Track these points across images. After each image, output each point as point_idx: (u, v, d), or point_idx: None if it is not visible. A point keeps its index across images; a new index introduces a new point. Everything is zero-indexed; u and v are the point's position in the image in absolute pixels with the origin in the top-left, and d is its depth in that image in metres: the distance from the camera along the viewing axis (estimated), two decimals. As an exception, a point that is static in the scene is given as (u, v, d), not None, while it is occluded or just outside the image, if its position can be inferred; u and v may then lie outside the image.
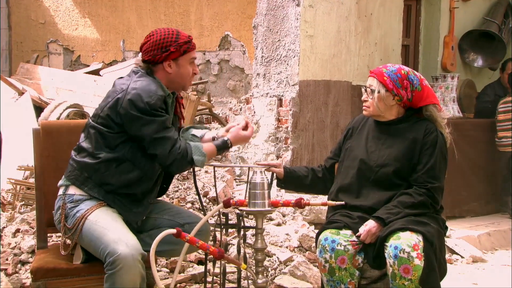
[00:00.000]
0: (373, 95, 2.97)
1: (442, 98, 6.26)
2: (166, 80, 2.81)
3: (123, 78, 2.84)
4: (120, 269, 2.51)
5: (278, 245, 4.24)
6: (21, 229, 4.03)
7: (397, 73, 2.96)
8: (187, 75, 2.84)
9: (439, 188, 2.89)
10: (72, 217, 2.72)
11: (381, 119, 3.04)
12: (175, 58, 2.79)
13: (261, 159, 5.61)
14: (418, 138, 2.93)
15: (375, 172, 2.94)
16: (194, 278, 3.80)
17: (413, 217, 2.81)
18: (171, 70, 2.80)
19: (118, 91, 2.73)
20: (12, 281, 3.46)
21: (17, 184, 4.55)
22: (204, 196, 4.71)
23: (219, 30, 6.79)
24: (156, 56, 2.78)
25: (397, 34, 6.53)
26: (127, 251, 2.52)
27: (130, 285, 2.54)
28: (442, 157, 2.93)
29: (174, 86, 2.85)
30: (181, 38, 2.80)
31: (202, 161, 2.75)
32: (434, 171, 2.88)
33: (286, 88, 5.52)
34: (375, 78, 2.98)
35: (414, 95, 2.97)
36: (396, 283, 2.69)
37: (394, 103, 2.97)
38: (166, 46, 2.77)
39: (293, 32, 5.45)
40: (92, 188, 2.74)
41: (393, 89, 2.94)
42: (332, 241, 2.83)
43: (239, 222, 3.17)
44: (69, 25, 7.70)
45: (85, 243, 2.69)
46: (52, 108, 5.63)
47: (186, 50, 2.80)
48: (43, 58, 7.85)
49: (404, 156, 2.93)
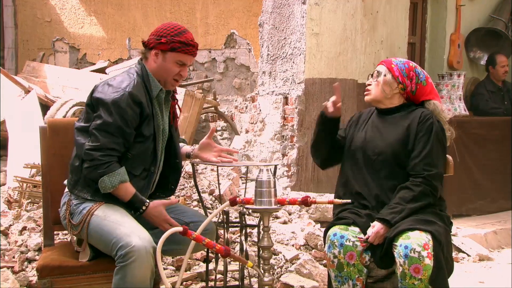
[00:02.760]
0: (379, 78, 3.01)
1: (448, 96, 6.23)
2: (153, 70, 2.80)
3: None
4: (134, 261, 2.50)
5: (284, 243, 4.24)
6: (28, 227, 4.04)
7: (405, 64, 3.04)
8: (170, 72, 2.80)
9: (436, 175, 2.87)
10: (79, 214, 2.72)
11: (381, 106, 3.05)
12: (163, 50, 2.77)
13: (267, 157, 5.61)
14: (412, 125, 2.93)
15: (374, 160, 2.95)
16: (200, 276, 3.80)
17: (420, 216, 2.80)
18: (156, 60, 2.78)
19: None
20: (19, 278, 3.46)
21: (23, 182, 4.56)
22: (210, 194, 4.71)
23: (224, 28, 6.79)
24: (150, 40, 2.80)
25: (403, 32, 6.51)
26: (141, 243, 2.52)
27: (141, 278, 2.53)
28: (438, 143, 2.91)
29: (158, 78, 2.83)
30: (179, 36, 2.77)
31: (106, 187, 2.64)
32: (430, 159, 2.87)
33: (292, 86, 5.51)
34: (384, 65, 3.06)
35: (418, 88, 3.01)
36: (405, 283, 2.68)
37: (398, 91, 3.01)
38: (161, 35, 2.77)
39: (299, 30, 5.44)
40: (82, 189, 2.74)
41: (399, 77, 2.99)
42: (341, 236, 2.83)
43: (241, 221, 3.18)
44: (75, 23, 7.71)
45: (94, 239, 2.68)
46: (58, 106, 5.64)
47: (175, 48, 2.76)
48: (49, 56, 7.87)
49: (398, 143, 2.93)
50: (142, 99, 2.72)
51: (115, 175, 2.64)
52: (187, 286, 3.72)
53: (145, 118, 2.74)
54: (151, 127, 2.77)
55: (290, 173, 5.47)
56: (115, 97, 2.66)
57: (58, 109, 5.62)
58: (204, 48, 6.79)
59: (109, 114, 2.65)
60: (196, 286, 3.73)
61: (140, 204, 2.70)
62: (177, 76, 2.83)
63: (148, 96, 2.78)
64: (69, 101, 5.70)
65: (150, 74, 2.81)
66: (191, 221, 2.89)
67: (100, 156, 2.62)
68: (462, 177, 5.94)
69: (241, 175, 5.23)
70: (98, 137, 2.64)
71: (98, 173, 2.63)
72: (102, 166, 2.62)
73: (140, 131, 2.75)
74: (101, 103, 2.68)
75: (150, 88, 2.79)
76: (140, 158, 2.77)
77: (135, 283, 2.52)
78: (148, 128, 2.76)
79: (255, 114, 5.79)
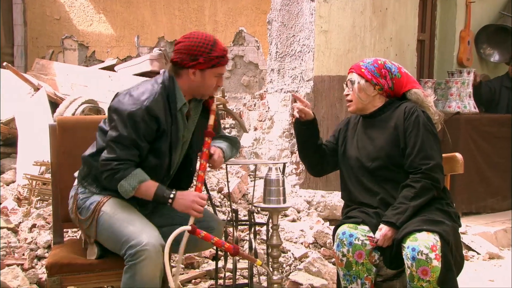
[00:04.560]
0: (353, 87, 2.98)
1: (458, 94, 6.21)
2: (187, 86, 2.75)
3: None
4: (144, 260, 2.50)
5: (293, 241, 4.23)
6: (37, 224, 4.06)
7: (373, 64, 3.00)
8: (209, 87, 2.76)
9: (435, 166, 2.84)
10: (87, 209, 2.73)
11: (366, 112, 3.02)
12: (202, 69, 2.71)
13: (275, 155, 5.60)
14: (399, 123, 2.91)
15: (370, 167, 2.93)
16: (209, 274, 3.80)
17: (427, 216, 2.77)
18: (194, 78, 2.72)
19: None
20: (28, 276, 3.48)
21: (33, 179, 4.57)
22: (219, 192, 4.71)
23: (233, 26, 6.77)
24: (184, 61, 2.71)
25: (413, 29, 6.48)
26: (151, 242, 2.52)
27: (151, 276, 2.54)
28: (429, 134, 2.87)
29: (194, 93, 2.79)
30: (215, 51, 2.70)
31: (126, 191, 2.65)
32: (425, 152, 2.84)
33: (300, 84, 5.50)
34: (354, 72, 3.01)
35: (395, 82, 2.99)
36: (414, 285, 2.66)
37: (376, 93, 2.98)
38: (197, 55, 2.69)
39: (307, 27, 5.43)
40: (92, 182, 2.76)
41: (372, 79, 2.96)
42: (350, 235, 2.82)
43: (250, 219, 3.17)
44: (84, 21, 7.72)
45: (104, 237, 2.68)
46: (67, 104, 5.65)
47: (215, 64, 2.72)
48: (58, 54, 7.88)
49: (390, 145, 2.91)
50: (160, 114, 2.67)
51: (132, 177, 2.64)
52: (196, 284, 3.72)
53: (161, 133, 2.71)
54: (168, 142, 2.73)
55: (299, 171, 5.46)
56: (131, 110, 2.63)
57: (67, 106, 5.63)
58: (213, 46, 6.78)
59: (124, 127, 2.63)
60: (205, 284, 3.74)
61: (167, 196, 2.67)
62: (215, 89, 2.80)
63: (169, 109, 2.73)
64: (78, 98, 5.71)
65: (178, 88, 2.74)
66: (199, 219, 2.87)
67: (116, 165, 2.63)
68: (472, 175, 5.91)
69: (250, 172, 5.23)
70: (115, 150, 2.64)
71: (116, 178, 2.63)
72: (118, 172, 2.63)
73: (157, 145, 2.72)
74: (118, 113, 2.66)
75: (174, 101, 2.73)
76: (156, 171, 2.75)
77: (145, 281, 2.52)
78: (165, 144, 2.73)
79: (263, 112, 5.78)
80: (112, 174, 2.63)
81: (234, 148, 2.99)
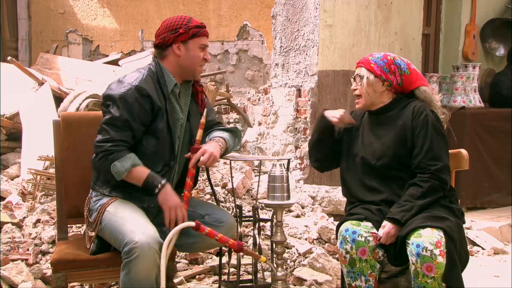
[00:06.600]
0: (362, 82, 2.95)
1: (463, 88, 6.17)
2: (176, 65, 2.82)
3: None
4: (136, 257, 2.52)
5: (297, 237, 4.23)
6: (42, 219, 4.06)
7: (383, 59, 2.96)
8: (196, 59, 2.83)
9: (443, 168, 2.82)
10: (95, 211, 2.76)
11: (374, 108, 3.00)
12: (184, 40, 2.80)
13: (280, 149, 5.59)
14: (407, 123, 2.89)
15: (375, 165, 2.91)
16: (213, 270, 3.81)
17: (431, 212, 2.76)
18: (180, 52, 2.81)
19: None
20: (33, 271, 3.48)
21: (37, 174, 4.58)
22: (223, 187, 4.71)
23: (237, 20, 6.75)
24: (166, 38, 2.80)
25: (418, 23, 6.45)
26: (144, 240, 2.53)
27: (145, 273, 2.54)
28: (437, 135, 2.86)
29: (184, 71, 2.85)
30: (192, 22, 2.82)
31: (119, 171, 2.67)
32: (433, 152, 2.82)
33: (305, 78, 5.48)
34: (362, 66, 2.98)
35: (404, 79, 2.96)
36: (418, 281, 2.66)
37: (384, 88, 2.95)
38: (176, 28, 2.80)
39: (312, 21, 5.41)
40: (102, 185, 2.79)
41: (382, 75, 2.93)
42: (353, 232, 2.80)
43: (254, 215, 3.17)
44: (88, 15, 7.71)
45: (107, 235, 2.71)
46: (72, 98, 5.65)
47: (196, 33, 2.81)
48: (62, 48, 7.88)
49: (397, 143, 2.88)
50: (151, 92, 2.73)
51: (126, 159, 2.67)
52: (200, 279, 3.72)
53: (157, 112, 2.75)
54: (165, 121, 2.77)
55: (303, 165, 5.45)
56: (122, 92, 2.71)
57: (71, 101, 5.63)
58: (217, 40, 6.77)
59: (117, 109, 2.70)
60: (209, 279, 3.74)
61: (156, 182, 2.68)
62: (203, 61, 2.87)
63: (161, 91, 2.78)
64: (82, 93, 5.70)
65: (165, 69, 2.82)
66: (206, 213, 2.88)
67: (109, 146, 2.67)
68: (477, 170, 5.88)
69: (254, 168, 5.22)
70: (108, 131, 2.69)
71: (109, 159, 2.67)
72: (112, 153, 2.67)
73: (154, 126, 2.76)
74: (110, 99, 2.74)
75: (165, 84, 2.80)
76: (159, 154, 2.78)
77: (140, 279, 2.54)
78: (162, 123, 2.76)
79: (268, 107, 5.77)
80: (106, 155, 2.67)
81: (236, 138, 3.01)
